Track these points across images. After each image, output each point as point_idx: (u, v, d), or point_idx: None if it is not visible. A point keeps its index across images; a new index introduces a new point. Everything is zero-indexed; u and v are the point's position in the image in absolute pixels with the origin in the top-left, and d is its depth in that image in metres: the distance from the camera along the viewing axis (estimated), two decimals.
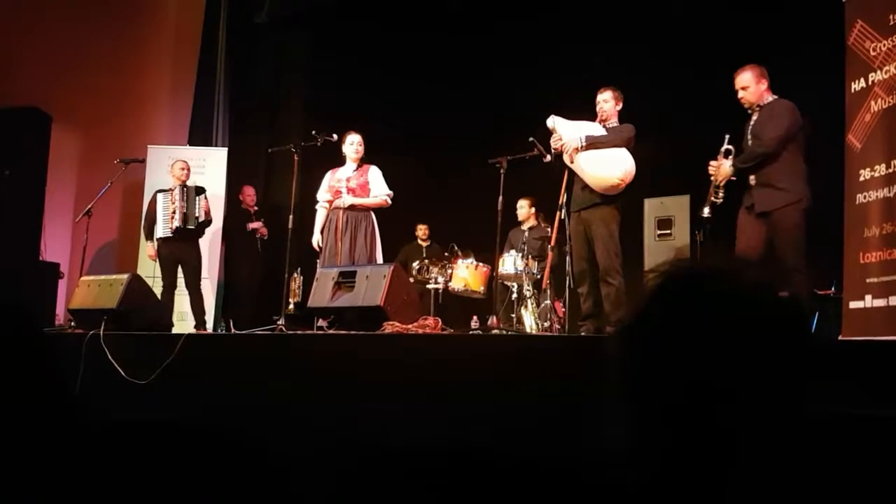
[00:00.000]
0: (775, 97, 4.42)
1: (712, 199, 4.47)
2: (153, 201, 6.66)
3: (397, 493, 0.87)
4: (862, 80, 4.12)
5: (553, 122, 5.00)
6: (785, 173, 4.24)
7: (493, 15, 7.68)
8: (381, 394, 3.65)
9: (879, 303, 3.85)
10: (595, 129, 4.93)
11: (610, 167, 4.77)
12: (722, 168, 4.46)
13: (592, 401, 0.83)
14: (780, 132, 4.24)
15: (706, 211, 4.50)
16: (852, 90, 4.18)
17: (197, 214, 6.48)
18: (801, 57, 5.78)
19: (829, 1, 4.43)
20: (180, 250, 6.51)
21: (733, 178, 4.44)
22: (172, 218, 6.44)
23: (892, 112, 3.92)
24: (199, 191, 6.60)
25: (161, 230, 6.50)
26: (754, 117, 4.44)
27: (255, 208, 7.88)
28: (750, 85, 4.40)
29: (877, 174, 3.97)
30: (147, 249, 6.58)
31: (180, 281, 6.58)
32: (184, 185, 6.56)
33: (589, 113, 5.07)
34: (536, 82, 7.23)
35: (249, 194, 7.92)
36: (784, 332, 0.83)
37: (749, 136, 4.44)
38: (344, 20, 8.39)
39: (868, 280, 3.94)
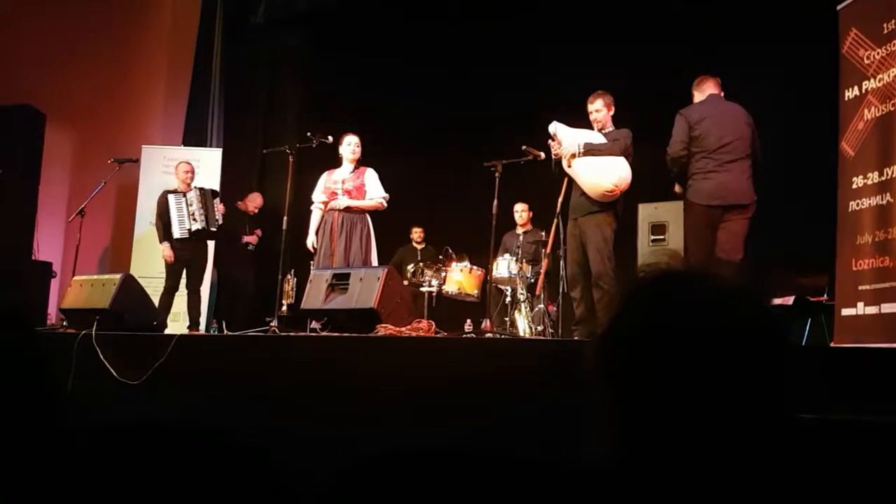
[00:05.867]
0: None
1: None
2: (163, 202, 6.54)
3: (391, 493, 0.87)
4: (856, 87, 4.14)
5: (555, 127, 5.04)
6: None
7: (492, 18, 7.69)
8: (374, 396, 3.65)
9: (871, 310, 3.87)
10: (595, 136, 4.97)
11: (604, 174, 4.81)
12: None
13: (585, 404, 0.83)
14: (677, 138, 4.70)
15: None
16: (846, 98, 4.21)
17: (217, 218, 6.52)
18: (796, 64, 5.81)
19: (824, 9, 4.45)
20: (192, 252, 6.51)
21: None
22: (191, 220, 6.43)
23: (886, 120, 3.94)
24: (215, 194, 6.64)
25: (178, 231, 6.45)
26: None
27: (254, 211, 7.83)
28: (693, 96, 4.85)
29: (870, 182, 3.99)
30: (163, 250, 6.49)
31: (181, 282, 6.57)
32: (201, 189, 6.55)
33: (588, 116, 5.09)
34: (534, 85, 7.24)
35: (252, 200, 7.87)
36: (758, 336, 0.82)
37: None
38: (340, 22, 8.39)
39: (860, 287, 3.95)
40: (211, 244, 6.98)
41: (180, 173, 6.66)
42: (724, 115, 4.59)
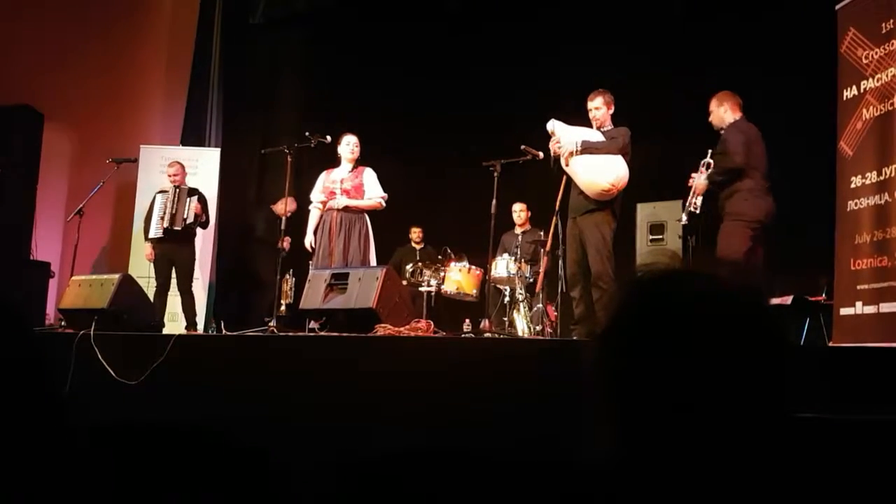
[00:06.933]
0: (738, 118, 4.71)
1: (690, 208, 4.81)
2: (153, 202, 6.67)
3: (391, 493, 0.87)
4: (854, 87, 4.15)
5: (553, 125, 5.05)
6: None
7: (489, 17, 7.70)
8: (373, 395, 3.64)
9: (870, 309, 3.87)
10: (593, 134, 4.98)
11: (601, 173, 4.82)
12: (698, 180, 4.78)
13: (584, 404, 0.83)
14: (742, 149, 4.55)
15: (684, 218, 4.90)
16: (844, 97, 4.21)
17: (185, 216, 6.42)
18: (795, 64, 5.82)
19: (823, 9, 4.46)
20: (173, 251, 6.50)
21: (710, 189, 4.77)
22: (162, 219, 6.44)
23: (884, 119, 3.95)
24: (192, 192, 6.56)
25: (153, 231, 6.51)
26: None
27: (287, 215, 7.73)
28: (715, 110, 4.77)
29: (868, 181, 4.00)
30: (145, 249, 6.58)
31: (173, 281, 6.57)
32: (178, 187, 6.54)
33: (586, 115, 5.10)
34: (533, 85, 7.24)
35: (287, 204, 7.76)
36: (757, 335, 0.83)
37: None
38: (339, 22, 8.39)
39: (859, 287, 3.96)
40: (208, 244, 6.97)
41: (168, 172, 6.68)
42: (762, 141, 4.66)
